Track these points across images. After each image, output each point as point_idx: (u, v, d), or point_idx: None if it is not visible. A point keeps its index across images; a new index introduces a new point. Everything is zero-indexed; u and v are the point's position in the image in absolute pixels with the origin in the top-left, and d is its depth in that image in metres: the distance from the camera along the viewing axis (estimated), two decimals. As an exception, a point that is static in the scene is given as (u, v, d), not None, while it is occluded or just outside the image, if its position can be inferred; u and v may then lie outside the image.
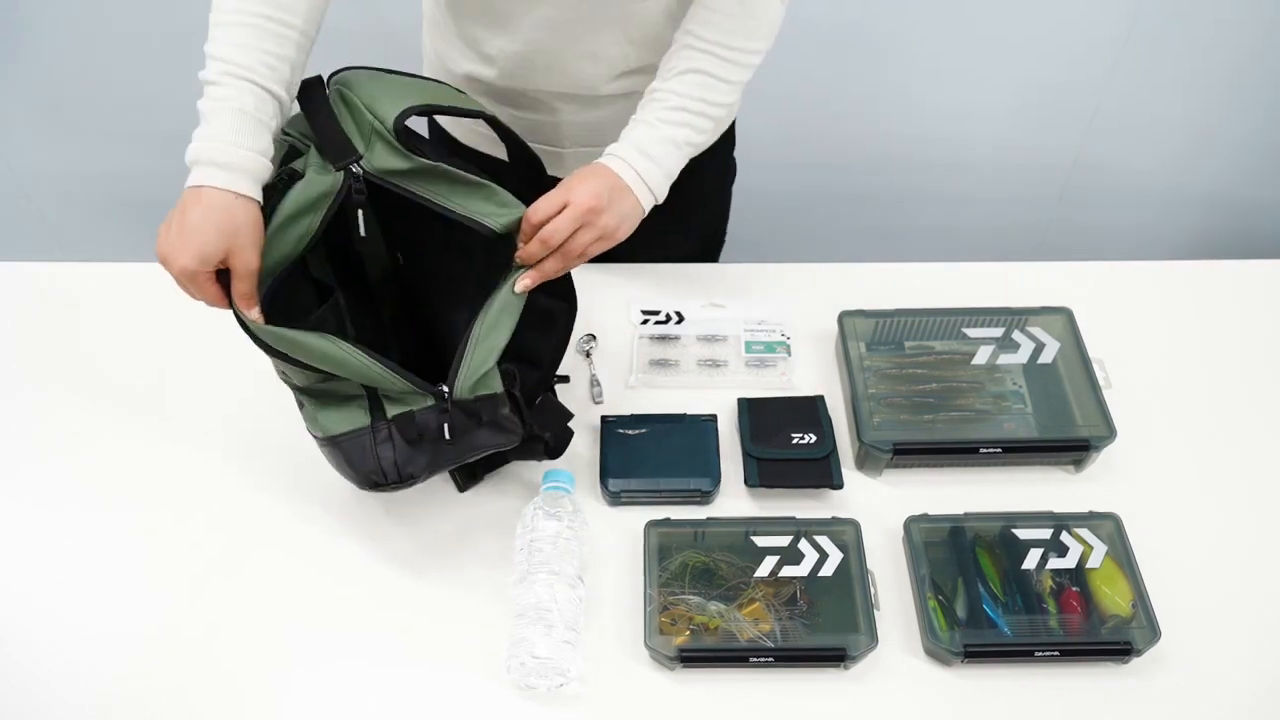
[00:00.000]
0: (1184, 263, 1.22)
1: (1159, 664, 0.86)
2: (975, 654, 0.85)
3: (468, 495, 0.98)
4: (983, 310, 1.08)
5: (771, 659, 0.85)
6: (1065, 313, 1.08)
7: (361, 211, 0.83)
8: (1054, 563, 0.90)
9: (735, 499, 0.99)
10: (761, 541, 0.92)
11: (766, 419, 1.02)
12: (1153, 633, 0.85)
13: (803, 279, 1.19)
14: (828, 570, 0.90)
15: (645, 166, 0.91)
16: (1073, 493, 0.99)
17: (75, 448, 1.04)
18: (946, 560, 0.92)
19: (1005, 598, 0.89)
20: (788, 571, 0.90)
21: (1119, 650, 0.85)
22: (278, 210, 0.80)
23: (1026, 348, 1.06)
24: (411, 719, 0.85)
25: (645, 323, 1.14)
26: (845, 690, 0.86)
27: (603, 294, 1.14)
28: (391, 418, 0.82)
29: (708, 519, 0.95)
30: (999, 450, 0.98)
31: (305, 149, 0.83)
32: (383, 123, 0.81)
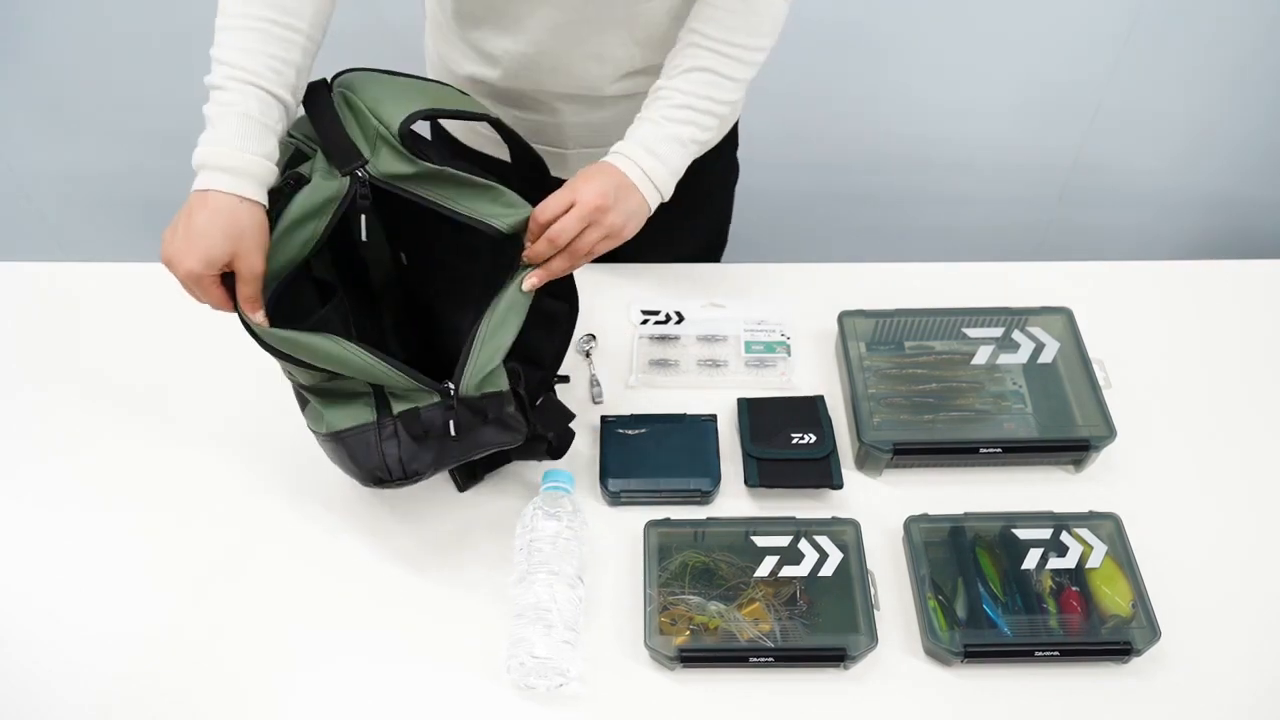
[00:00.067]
0: (1184, 263, 1.22)
1: (1159, 664, 0.86)
2: (975, 654, 0.85)
3: (468, 495, 0.99)
4: (983, 310, 1.08)
5: (771, 659, 0.85)
6: (1065, 313, 1.08)
7: (364, 217, 0.83)
8: (1054, 563, 0.90)
9: (735, 499, 0.99)
10: (761, 541, 0.92)
11: (766, 419, 1.02)
12: (1153, 633, 0.85)
13: (803, 279, 1.19)
14: (828, 570, 0.90)
15: (651, 165, 0.91)
16: (1073, 493, 0.99)
17: (75, 448, 1.04)
18: (946, 560, 0.92)
19: (1005, 598, 0.89)
20: (788, 571, 0.90)
21: (1119, 650, 0.85)
22: (284, 215, 0.80)
23: (1026, 348, 1.06)
24: (411, 718, 0.85)
25: (645, 323, 1.14)
26: (845, 690, 0.86)
27: (603, 294, 1.14)
28: (397, 414, 0.82)
29: (708, 519, 0.95)
30: (999, 450, 0.98)
31: (311, 153, 0.83)
32: (387, 127, 0.81)
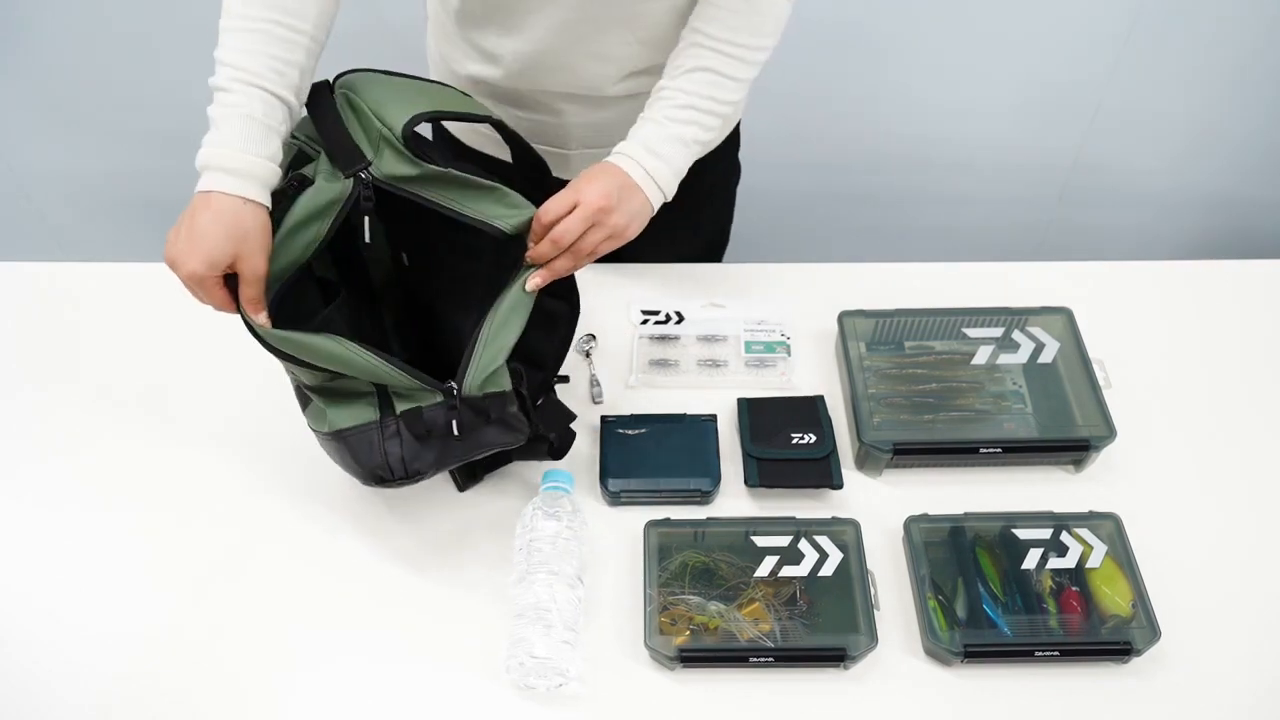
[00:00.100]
0: (1184, 263, 1.22)
1: (1159, 664, 0.86)
2: (975, 654, 0.85)
3: (468, 495, 0.99)
4: (983, 310, 1.08)
5: (771, 659, 0.85)
6: (1065, 313, 1.08)
7: (368, 218, 0.83)
8: (1054, 563, 0.90)
9: (735, 499, 0.99)
10: (761, 541, 0.92)
11: (766, 419, 1.02)
12: (1153, 633, 0.85)
13: (803, 279, 1.19)
14: (828, 570, 0.90)
15: (654, 165, 0.91)
16: (1073, 493, 0.99)
17: (75, 448, 1.04)
18: (946, 560, 0.92)
19: (1005, 598, 0.89)
20: (788, 571, 0.90)
21: (1119, 650, 0.85)
22: (287, 216, 0.80)
23: (1026, 348, 1.06)
24: (411, 718, 0.85)
25: (645, 323, 1.14)
26: (845, 690, 0.86)
27: (603, 294, 1.14)
28: (400, 414, 0.82)
29: (708, 519, 0.95)
30: (999, 450, 0.98)
31: (315, 154, 0.83)
32: (391, 129, 0.81)
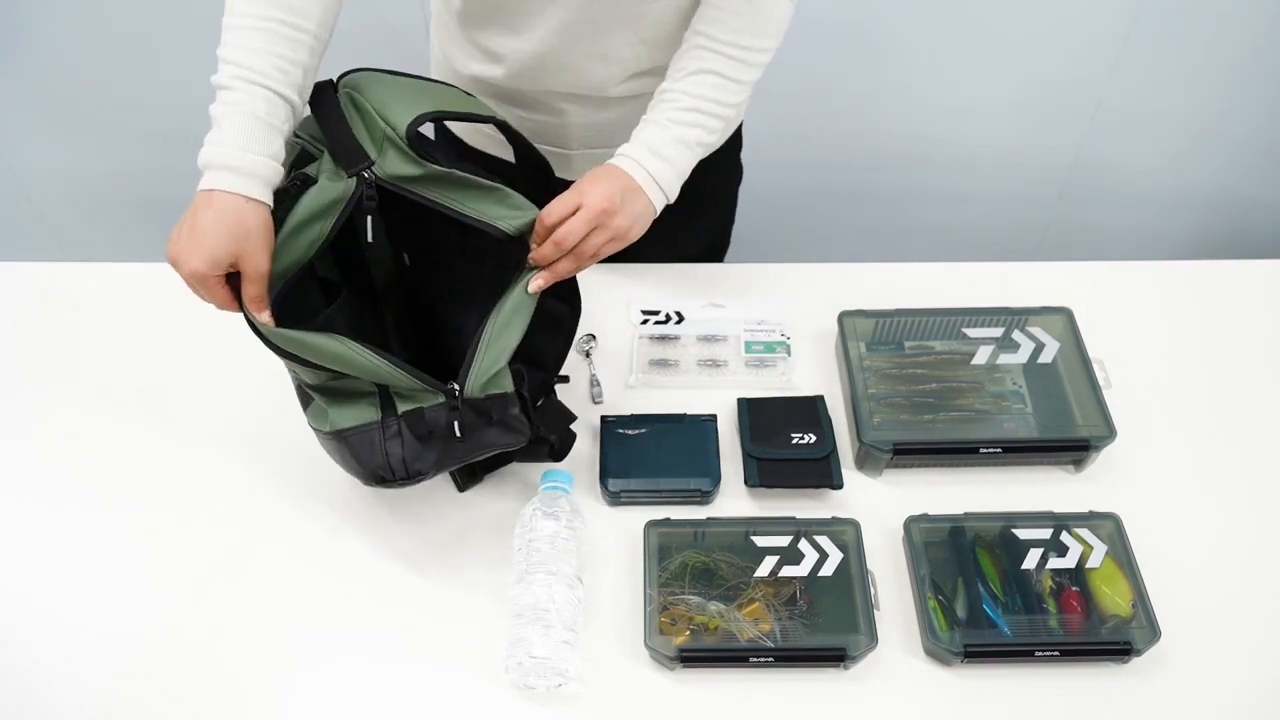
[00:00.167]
0: (1184, 263, 1.22)
1: (1159, 664, 0.86)
2: (975, 654, 0.85)
3: (468, 495, 0.99)
4: (983, 310, 1.08)
5: (771, 659, 0.85)
6: (1065, 313, 1.08)
7: (370, 218, 0.83)
8: (1054, 563, 0.90)
9: (735, 499, 0.99)
10: (761, 541, 0.92)
11: (766, 419, 1.02)
12: (1153, 633, 0.85)
13: (803, 279, 1.19)
14: (828, 570, 0.90)
15: (658, 167, 0.91)
16: (1073, 493, 0.99)
17: (75, 448, 1.04)
18: (946, 560, 0.92)
19: (1005, 598, 0.89)
20: (788, 571, 0.90)
21: (1119, 650, 0.85)
22: (290, 215, 0.80)
23: (1026, 348, 1.06)
24: (411, 718, 0.85)
25: (645, 323, 1.14)
26: (845, 690, 0.86)
27: (603, 294, 1.14)
28: (401, 414, 0.82)
29: (708, 519, 0.95)
30: (999, 450, 0.98)
31: (318, 153, 0.83)
32: (395, 129, 0.81)
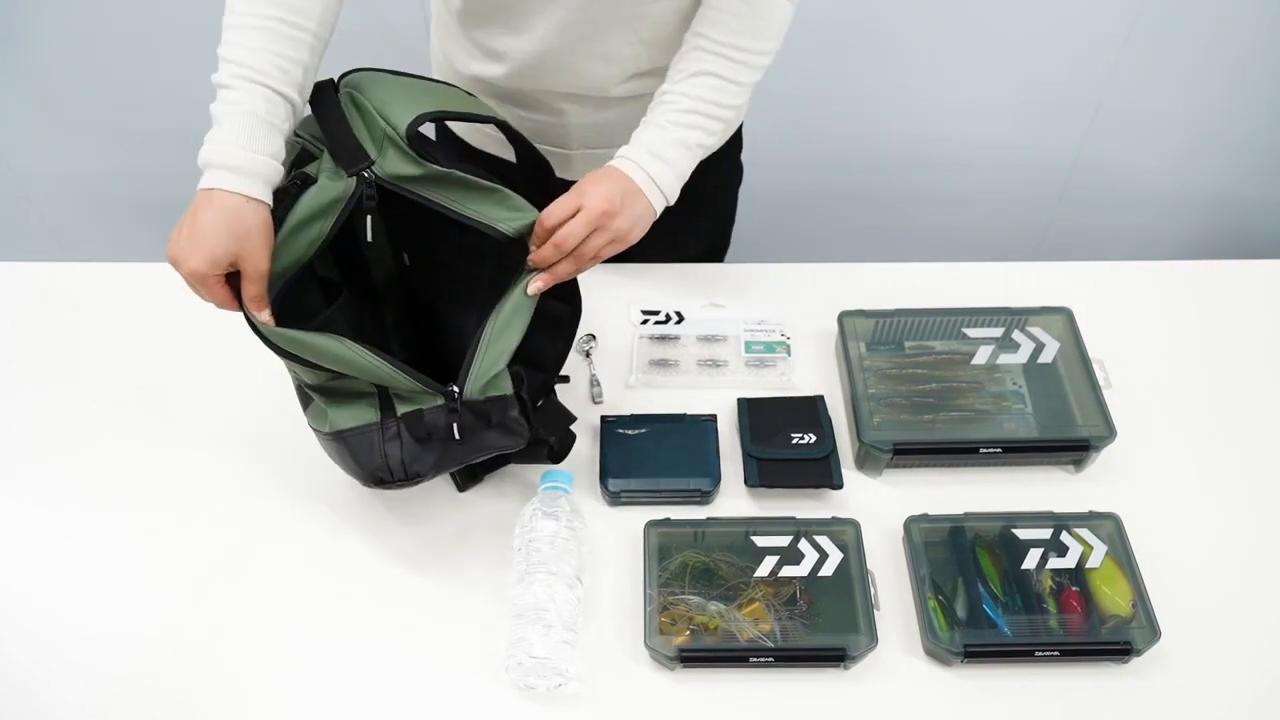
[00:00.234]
0: (1184, 263, 1.22)
1: (1159, 664, 0.86)
2: (975, 654, 0.85)
3: (468, 495, 0.99)
4: (983, 310, 1.08)
5: (771, 659, 0.85)
6: (1065, 313, 1.08)
7: (370, 218, 0.83)
8: (1054, 563, 0.90)
9: (735, 499, 0.99)
10: (761, 541, 0.92)
11: (766, 419, 1.02)
12: (1153, 633, 0.85)
13: (803, 279, 1.19)
14: (828, 570, 0.90)
15: (658, 169, 0.91)
16: (1073, 493, 0.99)
17: (75, 448, 1.04)
18: (946, 560, 0.92)
19: (1005, 598, 0.89)
20: (788, 571, 0.90)
21: (1119, 650, 0.85)
22: (290, 215, 0.80)
23: (1026, 348, 1.06)
24: (411, 718, 0.85)
25: (645, 323, 1.14)
26: (845, 690, 0.86)
27: (603, 294, 1.14)
28: (400, 415, 0.82)
29: (708, 519, 0.95)
30: (999, 450, 0.98)
31: (318, 153, 0.83)
32: (395, 129, 0.81)
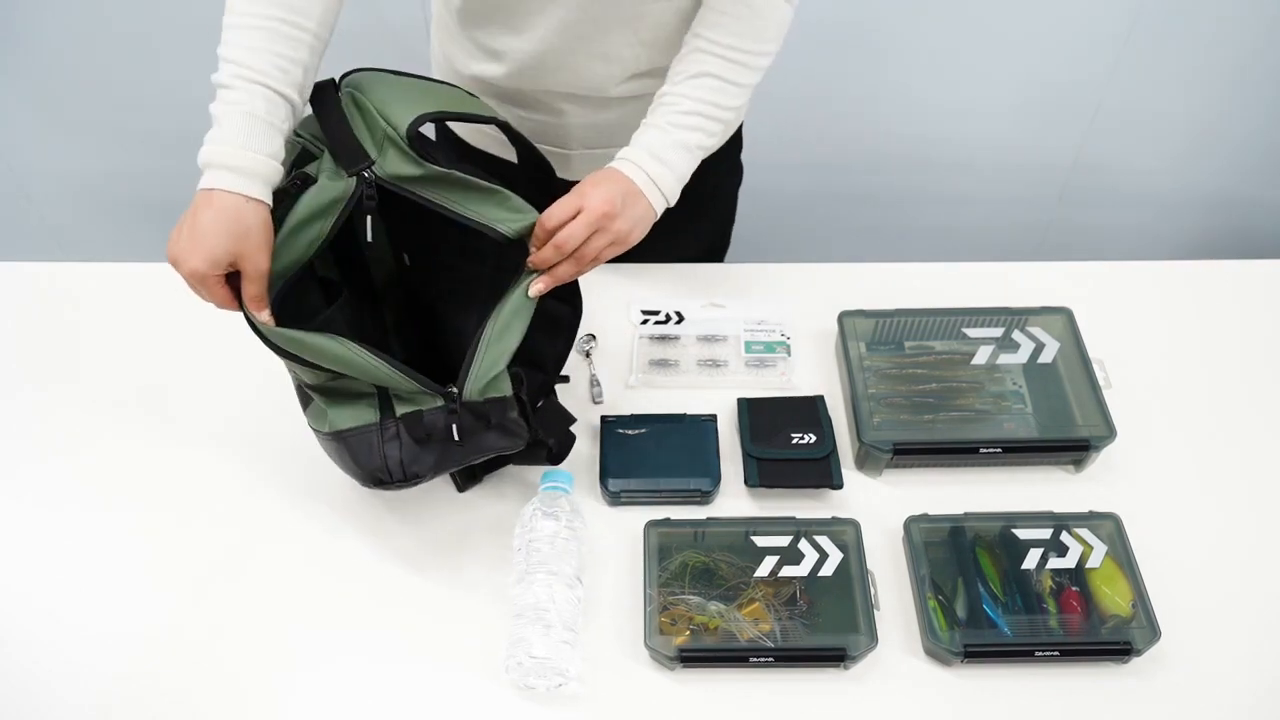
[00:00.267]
0: (1184, 263, 1.22)
1: (1159, 664, 0.86)
2: (975, 654, 0.85)
3: (468, 495, 0.99)
4: (983, 310, 1.08)
5: (771, 659, 0.85)
6: (1065, 313, 1.08)
7: (370, 218, 0.83)
8: (1054, 563, 0.90)
9: (735, 499, 0.99)
10: (761, 541, 0.92)
11: (766, 419, 1.02)
12: (1153, 633, 0.85)
13: (803, 279, 1.19)
14: (828, 570, 0.90)
15: (658, 171, 0.91)
16: (1073, 493, 0.99)
17: (75, 448, 1.04)
18: (946, 560, 0.92)
19: (1005, 598, 0.89)
20: (788, 571, 0.90)
21: (1119, 650, 0.85)
22: (290, 215, 0.80)
23: (1026, 348, 1.06)
24: (411, 718, 0.85)
25: (645, 323, 1.14)
26: (845, 690, 0.86)
27: (603, 294, 1.14)
28: (400, 416, 0.82)
29: (708, 519, 0.95)
30: (999, 450, 0.98)
31: (319, 152, 0.83)
32: (396, 129, 0.81)
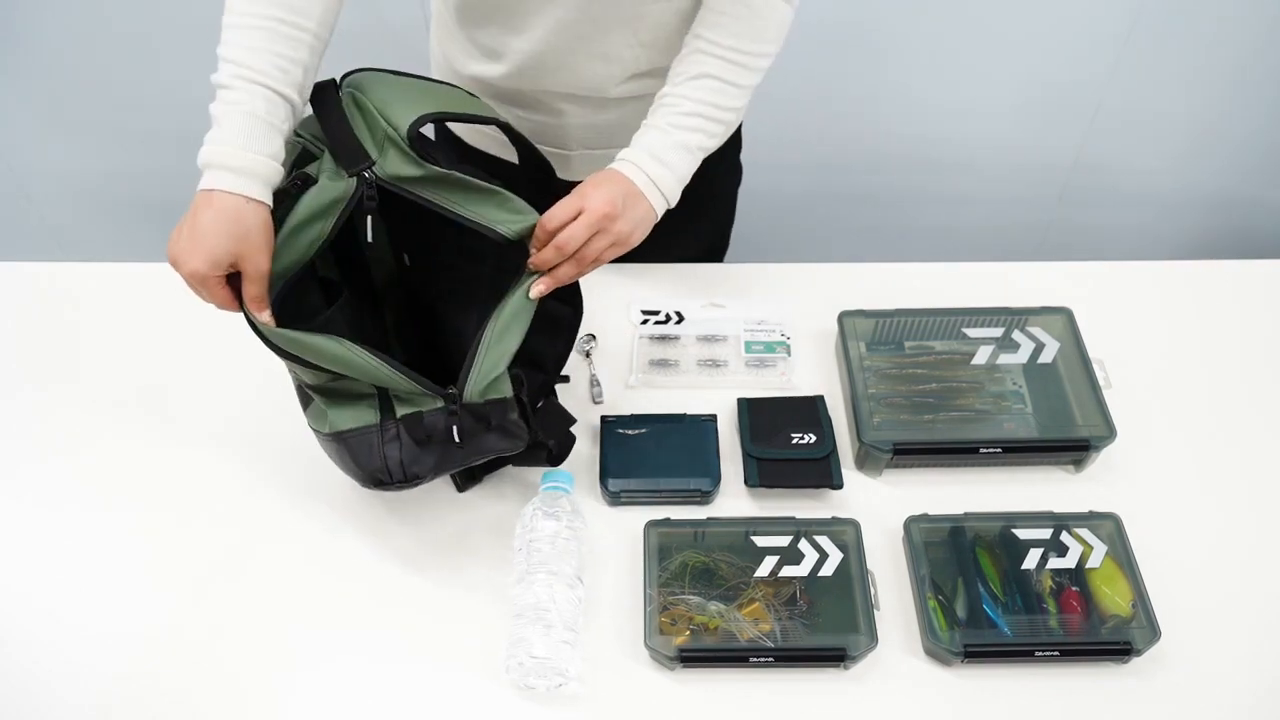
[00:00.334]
0: (1184, 263, 1.22)
1: (1159, 664, 0.86)
2: (975, 654, 0.85)
3: (468, 495, 0.99)
4: (983, 310, 1.08)
5: (771, 659, 0.85)
6: (1065, 313, 1.08)
7: (370, 218, 0.83)
8: (1054, 563, 0.90)
9: (735, 499, 0.99)
10: (761, 541, 0.92)
11: (766, 419, 1.02)
12: (1153, 633, 0.85)
13: (803, 279, 1.19)
14: (828, 570, 0.90)
15: (659, 172, 0.91)
16: (1073, 493, 0.99)
17: (75, 448, 1.04)
18: (946, 560, 0.92)
19: (1005, 598, 0.89)
20: (788, 571, 0.90)
21: (1119, 650, 0.85)
22: (290, 215, 0.80)
23: (1026, 348, 1.06)
24: (411, 718, 0.85)
25: (645, 323, 1.14)
26: (845, 690, 0.86)
27: (603, 294, 1.14)
28: (400, 417, 0.82)
29: (708, 519, 0.95)
30: (999, 450, 0.98)
31: (319, 153, 0.83)
32: (396, 130, 0.81)
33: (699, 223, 1.22)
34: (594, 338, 1.12)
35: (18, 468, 1.03)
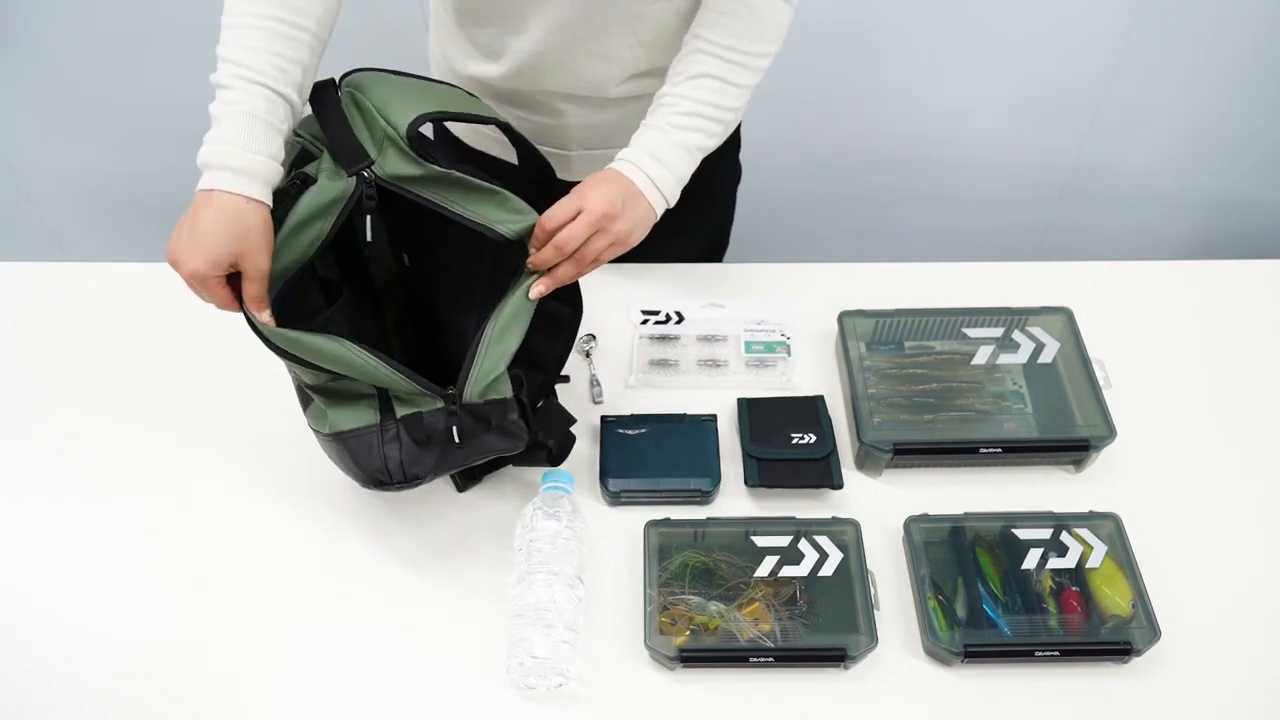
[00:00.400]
0: (1184, 263, 1.22)
1: (1159, 664, 0.86)
2: (975, 654, 0.85)
3: (468, 496, 0.99)
4: (983, 310, 1.08)
5: (771, 659, 0.85)
6: (1065, 313, 1.08)
7: (370, 218, 0.83)
8: (1054, 563, 0.90)
9: (735, 499, 0.99)
10: (761, 541, 0.92)
11: (766, 419, 1.02)
12: (1153, 633, 0.85)
13: (803, 279, 1.19)
14: (828, 570, 0.90)
15: (658, 172, 0.91)
16: (1073, 493, 0.99)
17: (75, 447, 1.04)
18: (946, 560, 0.92)
19: (1005, 598, 0.89)
20: (788, 571, 0.90)
21: (1119, 650, 0.85)
22: (290, 215, 0.80)
23: (1026, 348, 1.06)
24: (411, 718, 0.85)
25: (645, 323, 1.14)
26: (845, 690, 0.86)
27: (603, 294, 1.14)
28: (400, 418, 0.82)
29: (708, 519, 0.95)
30: (999, 450, 0.98)
31: (318, 152, 0.83)
32: (396, 129, 0.81)
33: (698, 223, 1.22)
34: (594, 338, 1.13)
35: (18, 467, 1.03)
